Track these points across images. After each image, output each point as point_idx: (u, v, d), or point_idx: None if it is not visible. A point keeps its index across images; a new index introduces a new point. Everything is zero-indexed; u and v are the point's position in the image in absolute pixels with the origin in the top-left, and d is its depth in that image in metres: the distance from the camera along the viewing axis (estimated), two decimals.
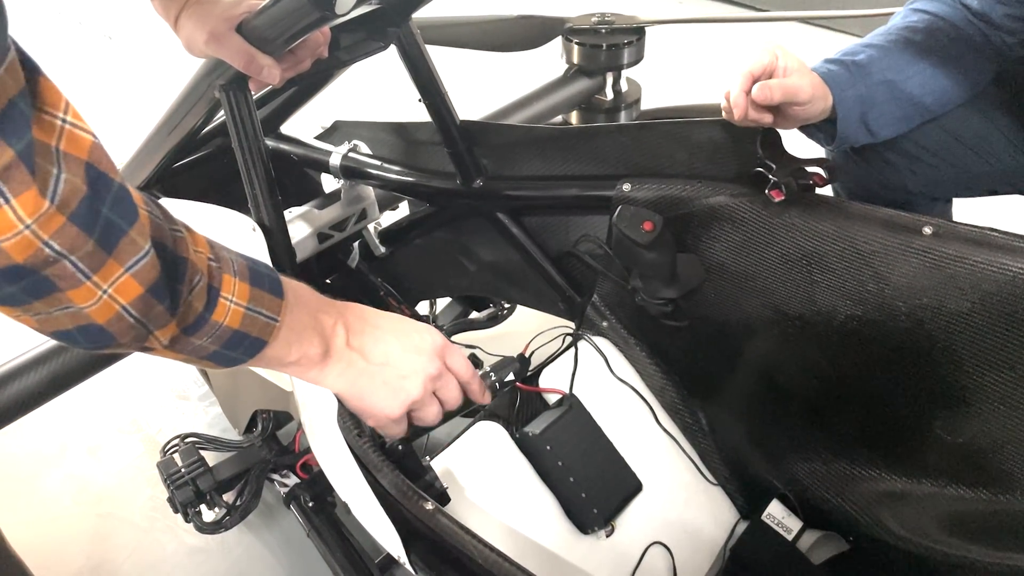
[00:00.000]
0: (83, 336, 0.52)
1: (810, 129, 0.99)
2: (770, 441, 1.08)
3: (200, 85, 0.98)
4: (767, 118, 0.90)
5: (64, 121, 0.45)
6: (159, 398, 1.71)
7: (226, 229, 0.99)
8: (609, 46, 1.67)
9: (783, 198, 0.92)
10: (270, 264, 0.71)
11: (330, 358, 0.68)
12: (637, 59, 1.71)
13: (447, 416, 0.78)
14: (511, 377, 0.91)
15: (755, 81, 0.88)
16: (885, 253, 0.88)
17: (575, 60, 1.71)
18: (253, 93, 0.95)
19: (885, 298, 0.89)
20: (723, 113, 0.93)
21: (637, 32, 1.69)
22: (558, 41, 1.73)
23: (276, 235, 0.97)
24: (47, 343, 1.25)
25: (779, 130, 0.95)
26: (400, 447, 0.83)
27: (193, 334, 0.58)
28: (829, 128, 0.97)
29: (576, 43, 1.69)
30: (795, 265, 0.96)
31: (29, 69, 0.44)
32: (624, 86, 1.78)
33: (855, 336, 0.94)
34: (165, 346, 0.57)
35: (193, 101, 1.02)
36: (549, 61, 1.77)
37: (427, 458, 0.89)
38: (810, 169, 0.93)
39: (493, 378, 0.89)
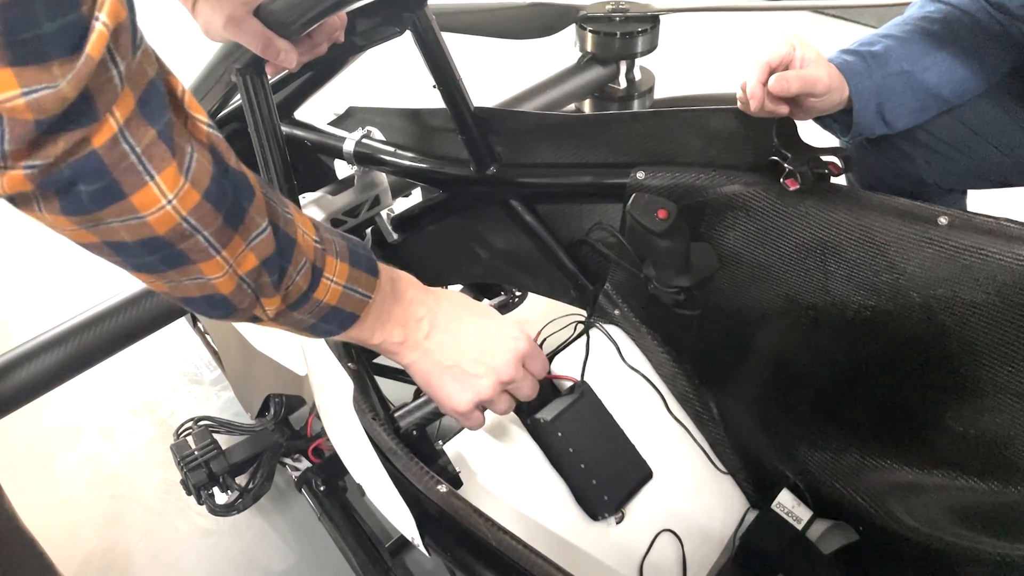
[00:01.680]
0: (208, 304, 0.56)
1: (825, 120, 0.99)
2: (781, 431, 1.08)
3: (217, 69, 0.98)
4: (783, 109, 0.90)
5: (208, 125, 0.50)
6: (172, 382, 1.72)
7: None
8: (623, 34, 1.66)
9: (798, 187, 0.92)
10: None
11: (408, 347, 0.72)
12: (651, 47, 1.71)
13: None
14: None
15: (772, 72, 0.87)
16: (900, 243, 0.88)
17: (589, 48, 1.71)
18: (269, 77, 0.95)
19: (900, 288, 0.89)
20: (739, 104, 0.93)
21: (651, 20, 1.68)
22: (572, 29, 1.73)
23: None
24: (60, 326, 1.26)
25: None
26: (414, 432, 0.84)
27: (296, 309, 0.62)
28: (845, 119, 0.96)
29: (590, 31, 1.69)
30: (809, 255, 0.96)
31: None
32: (638, 75, 1.78)
33: (868, 326, 0.94)
34: (271, 318, 0.61)
35: (210, 85, 1.02)
36: (563, 49, 1.77)
37: (439, 442, 0.90)
38: (826, 158, 0.93)
39: None
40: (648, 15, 1.68)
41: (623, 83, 1.76)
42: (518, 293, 1.57)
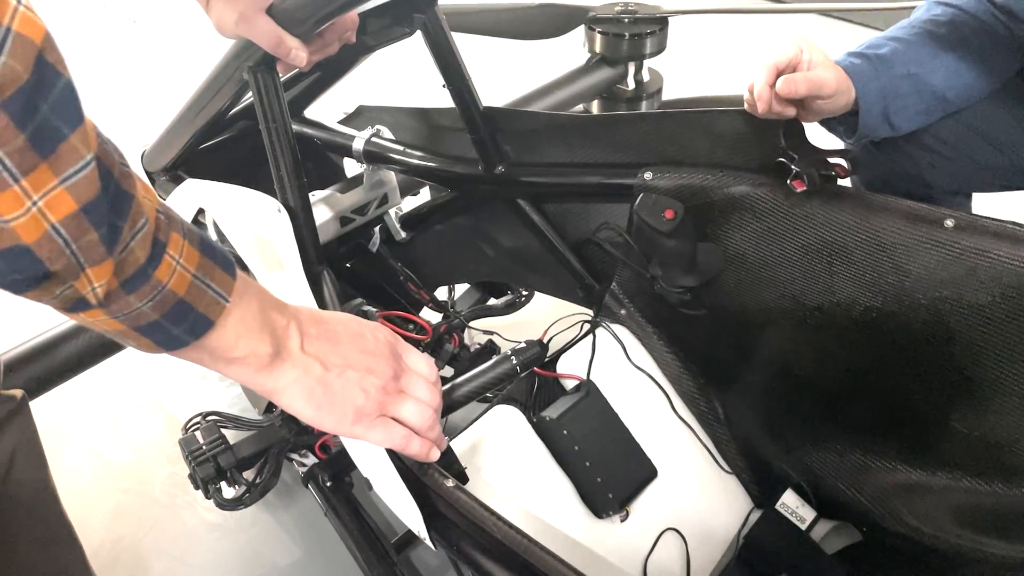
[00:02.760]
0: (7, 263, 0.44)
1: (831, 122, 0.99)
2: (785, 431, 1.09)
3: (229, 67, 0.99)
4: (790, 111, 0.90)
5: (19, 3, 0.40)
6: (180, 377, 1.74)
7: (252, 210, 1.00)
8: (632, 35, 1.67)
9: (805, 189, 0.93)
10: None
11: (282, 361, 0.62)
12: (659, 49, 1.72)
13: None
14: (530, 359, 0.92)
15: (779, 74, 0.88)
16: (906, 245, 0.88)
17: (597, 49, 1.72)
18: (281, 76, 0.96)
19: (905, 290, 0.90)
20: (746, 105, 0.93)
21: (660, 22, 1.69)
22: (581, 30, 1.73)
23: (301, 217, 0.98)
24: (71, 320, 1.28)
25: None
26: None
27: (132, 291, 0.50)
28: (850, 121, 0.97)
29: (599, 32, 1.70)
30: (815, 256, 0.96)
31: None
32: (646, 76, 1.79)
33: (874, 327, 0.94)
34: (100, 301, 0.49)
35: (221, 83, 1.03)
36: (572, 50, 1.77)
37: (446, 438, 0.90)
38: (832, 160, 0.93)
39: (514, 361, 0.90)
40: (657, 17, 1.69)
41: (631, 84, 1.77)
42: (525, 292, 1.58)
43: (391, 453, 0.77)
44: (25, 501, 0.77)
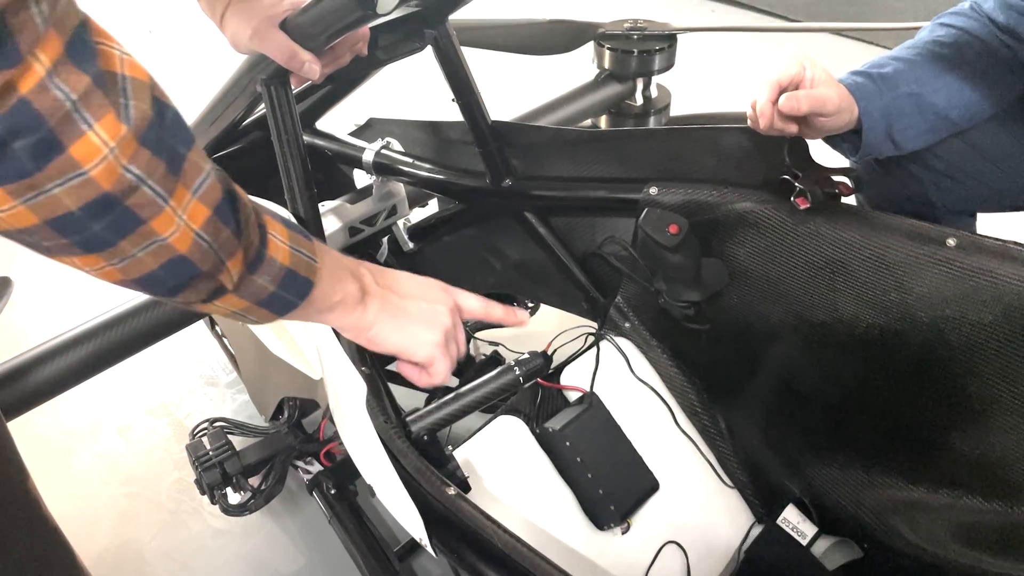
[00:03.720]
0: (168, 273, 0.52)
1: (835, 140, 1.00)
2: (787, 446, 1.09)
3: (242, 79, 1.01)
4: (792, 128, 0.91)
5: (121, 51, 0.46)
6: (189, 383, 1.75)
7: None
8: (640, 52, 1.68)
9: (809, 206, 0.93)
10: None
11: (369, 296, 0.70)
12: (668, 66, 1.73)
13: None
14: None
15: (782, 91, 0.89)
16: (909, 263, 0.89)
17: (606, 65, 1.73)
18: (293, 88, 0.98)
19: (907, 308, 0.90)
20: (749, 122, 0.94)
21: (668, 39, 1.70)
22: (590, 46, 1.75)
23: (311, 227, 1.00)
24: (81, 326, 1.29)
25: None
26: (425, 436, 0.86)
27: (255, 271, 0.58)
28: (854, 139, 0.98)
29: (608, 48, 1.71)
30: (819, 272, 0.97)
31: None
32: (654, 92, 1.80)
33: (876, 345, 0.95)
34: (235, 284, 0.57)
35: (235, 95, 1.05)
36: (581, 65, 1.79)
37: (449, 448, 0.91)
38: (836, 178, 0.94)
39: (517, 372, 0.91)
40: (665, 34, 1.70)
41: (639, 100, 1.78)
42: (531, 304, 1.59)
43: (393, 459, 0.78)
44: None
